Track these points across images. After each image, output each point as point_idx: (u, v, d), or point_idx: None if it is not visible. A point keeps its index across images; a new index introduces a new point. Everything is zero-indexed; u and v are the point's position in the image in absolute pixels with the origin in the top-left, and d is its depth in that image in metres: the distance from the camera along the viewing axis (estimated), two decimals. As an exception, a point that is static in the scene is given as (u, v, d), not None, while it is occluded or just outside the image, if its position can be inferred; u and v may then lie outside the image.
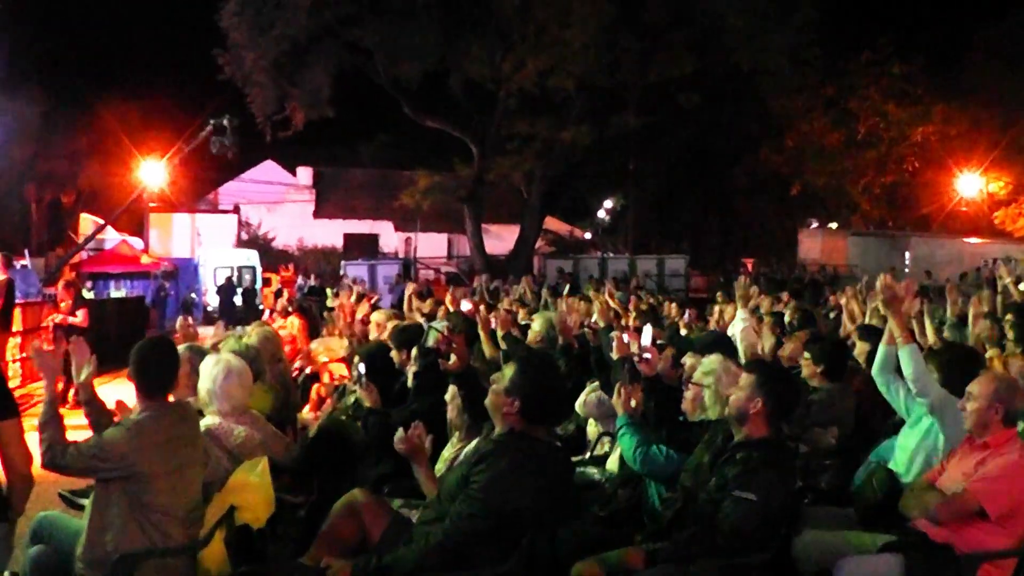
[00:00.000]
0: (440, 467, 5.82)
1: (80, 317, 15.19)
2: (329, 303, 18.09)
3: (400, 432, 5.06)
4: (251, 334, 8.04)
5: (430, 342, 7.17)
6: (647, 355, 6.26)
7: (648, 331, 6.80)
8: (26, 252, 28.72)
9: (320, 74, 34.45)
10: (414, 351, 7.22)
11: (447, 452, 6.03)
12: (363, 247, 52.87)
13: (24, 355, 17.39)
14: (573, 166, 39.78)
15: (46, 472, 4.60)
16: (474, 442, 5.78)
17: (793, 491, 4.92)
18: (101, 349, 16.79)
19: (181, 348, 6.50)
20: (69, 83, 41.14)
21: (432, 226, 51.39)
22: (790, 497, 4.71)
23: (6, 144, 33.69)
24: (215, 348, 7.18)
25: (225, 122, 28.39)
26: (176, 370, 5.03)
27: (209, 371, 5.72)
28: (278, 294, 26.03)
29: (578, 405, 7.16)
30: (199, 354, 6.32)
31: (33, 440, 4.45)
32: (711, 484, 4.67)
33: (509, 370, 4.59)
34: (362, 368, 6.96)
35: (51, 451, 4.50)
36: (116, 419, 5.09)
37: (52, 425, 4.57)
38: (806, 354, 7.10)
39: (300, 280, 35.55)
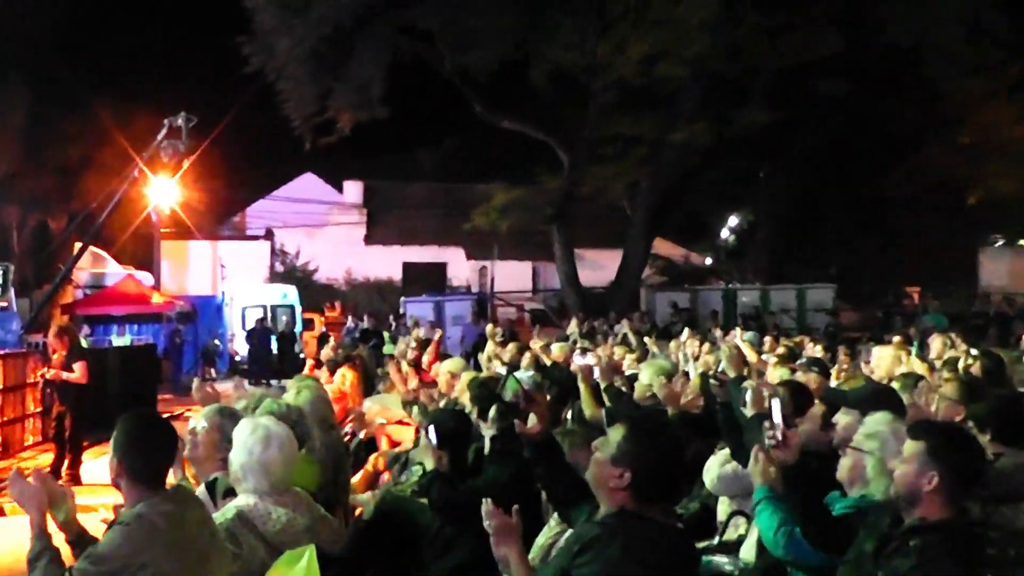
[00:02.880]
0: (534, 556, 5.81)
1: (78, 372, 15.36)
2: (387, 350, 18.27)
3: (489, 504, 4.97)
4: (293, 391, 8.10)
5: (508, 396, 7.16)
6: (779, 434, 5.95)
7: (777, 406, 6.53)
8: (9, 291, 29.16)
9: (370, 65, 34.74)
10: (492, 411, 7.21)
11: (542, 539, 6.02)
12: (427, 280, 53.19)
13: (4, 419, 17.78)
14: (688, 175, 39.63)
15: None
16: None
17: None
18: (101, 411, 17.06)
19: (209, 411, 6.58)
20: (59, 80, 41.62)
21: (512, 253, 51.56)
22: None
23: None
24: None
25: (180, 121, 28.56)
26: (173, 452, 5.13)
27: (244, 440, 5.74)
28: (323, 340, 26.33)
29: (707, 479, 7.10)
30: (232, 418, 6.35)
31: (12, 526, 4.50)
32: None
33: (616, 434, 4.57)
34: (433, 435, 6.96)
35: None
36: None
37: (44, 559, 4.68)
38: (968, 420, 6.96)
39: (349, 322, 35.92)
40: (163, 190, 35.13)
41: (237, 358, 36.86)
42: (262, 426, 5.83)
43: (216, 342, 36.85)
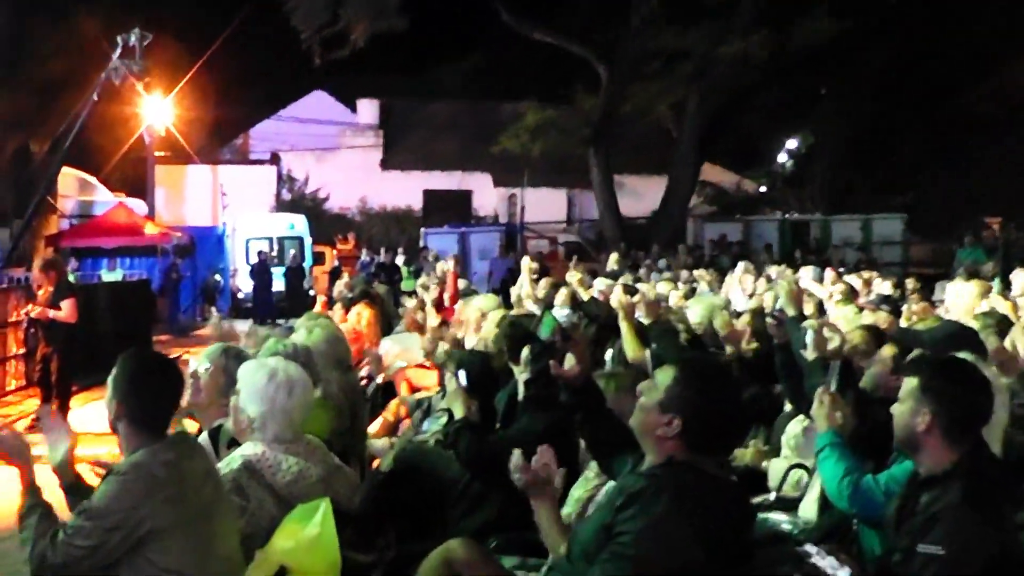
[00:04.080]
0: (569, 512, 5.81)
1: (65, 310, 15.24)
2: (406, 286, 18.30)
3: (518, 456, 4.96)
4: (303, 330, 8.10)
5: (544, 335, 7.15)
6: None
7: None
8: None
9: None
10: (525, 352, 7.19)
11: (579, 491, 6.02)
12: (450, 209, 53.18)
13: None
14: (740, 93, 39.40)
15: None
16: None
17: (1012, 536, 4.76)
18: (91, 353, 17.15)
19: (212, 352, 6.57)
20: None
21: (544, 179, 51.37)
22: (1006, 546, 4.57)
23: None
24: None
25: (133, 39, 28.30)
26: (178, 396, 5.12)
27: (262, 387, 5.66)
28: (335, 275, 26.36)
29: (787, 442, 7.10)
30: (237, 360, 6.34)
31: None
32: (901, 543, 4.63)
33: (665, 377, 4.53)
34: (463, 378, 6.95)
35: (39, 551, 4.61)
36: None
37: (34, 515, 4.70)
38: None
39: (364, 255, 35.95)
40: (156, 109, 35.06)
41: (240, 295, 36.95)
42: (281, 370, 5.76)
43: (217, 278, 36.93)
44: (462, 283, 16.85)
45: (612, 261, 22.77)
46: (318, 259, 39.17)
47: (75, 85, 41.06)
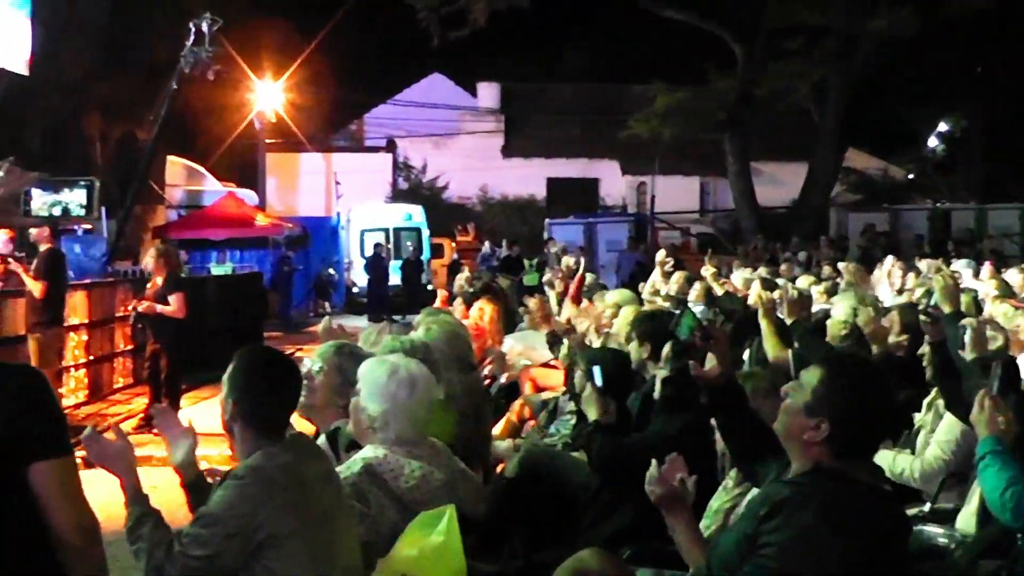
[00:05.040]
0: (708, 524, 5.78)
1: (174, 305, 15.38)
2: (529, 280, 18.32)
3: (654, 468, 4.96)
4: (423, 327, 8.14)
5: (684, 334, 7.13)
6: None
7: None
8: (102, 211, 29.29)
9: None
10: (665, 349, 7.16)
11: (718, 502, 5.99)
12: (575, 198, 53.18)
13: (91, 358, 18.17)
14: (887, 72, 38.89)
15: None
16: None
17: None
18: (199, 349, 17.42)
19: (326, 351, 6.62)
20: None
21: (677, 166, 51.26)
22: None
23: (56, 53, 34.60)
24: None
25: (204, 25, 28.44)
26: (296, 396, 5.13)
27: (383, 384, 5.70)
28: (454, 268, 26.44)
29: (940, 444, 7.02)
30: (353, 358, 6.39)
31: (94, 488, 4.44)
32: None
33: (811, 378, 4.50)
34: (598, 376, 6.94)
35: (155, 563, 4.61)
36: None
37: (146, 526, 4.70)
38: None
39: (486, 247, 36.07)
40: (266, 94, 35.50)
41: (354, 290, 37.28)
42: (402, 367, 5.80)
43: (331, 271, 37.27)
44: (590, 277, 16.83)
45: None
46: (436, 251, 39.41)
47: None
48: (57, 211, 20.90)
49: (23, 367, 4.76)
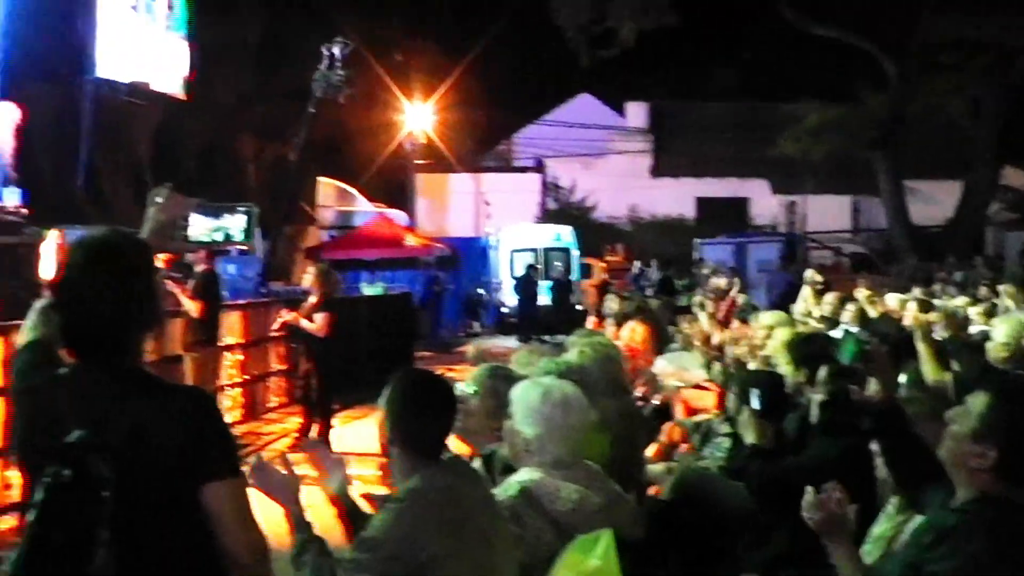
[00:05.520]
0: (870, 549, 5.69)
1: (317, 323, 15.49)
2: (681, 300, 18.22)
3: (811, 494, 4.91)
4: (576, 348, 8.12)
5: (846, 358, 7.04)
6: None
7: None
8: (256, 232, 29.63)
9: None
10: (822, 372, 7.09)
11: (880, 528, 5.88)
12: (725, 217, 52.88)
13: (246, 378, 18.47)
14: (1046, 87, 38.22)
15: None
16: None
17: None
18: (353, 368, 17.58)
19: (480, 374, 6.64)
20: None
21: (827, 185, 50.74)
22: None
23: (211, 76, 35.17)
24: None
25: (336, 49, 28.55)
26: (453, 418, 5.13)
27: (536, 406, 5.67)
28: (604, 289, 26.38)
29: None
30: (506, 381, 6.38)
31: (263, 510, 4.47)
32: None
33: (978, 403, 4.42)
34: (756, 399, 6.89)
35: None
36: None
37: (310, 552, 4.76)
38: None
39: (635, 267, 36.00)
40: (416, 116, 35.80)
41: (504, 310, 37.34)
42: (556, 388, 5.76)
43: (480, 291, 37.42)
44: (742, 298, 16.73)
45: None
46: (586, 271, 39.27)
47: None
48: (219, 236, 21.36)
49: (193, 389, 4.84)
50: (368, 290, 29.92)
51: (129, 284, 3.69)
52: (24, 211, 19.99)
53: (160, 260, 16.91)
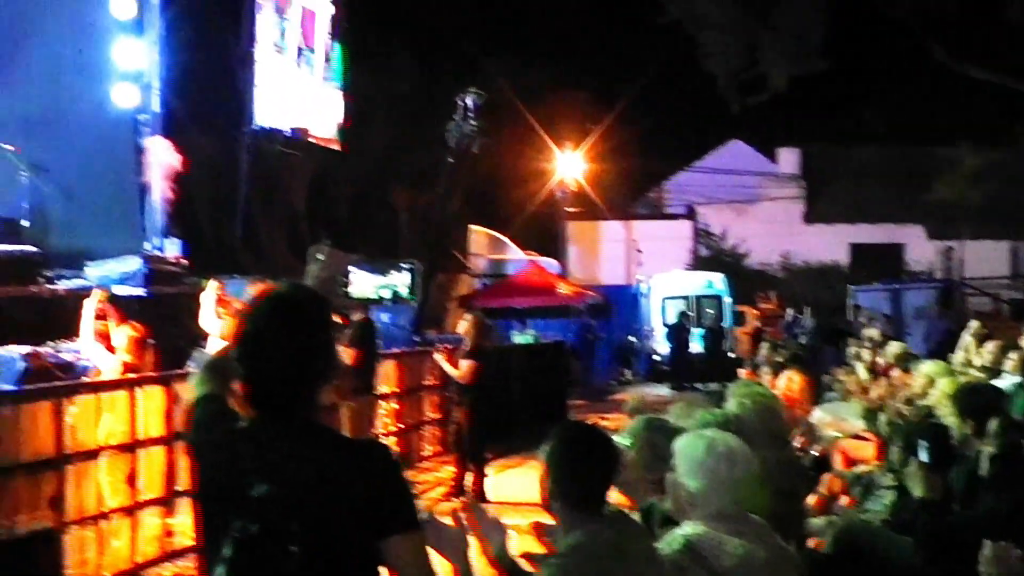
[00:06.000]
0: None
1: (462, 369, 15.75)
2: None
3: (990, 548, 4.79)
4: (735, 398, 8.06)
5: (1017, 410, 6.92)
6: None
7: None
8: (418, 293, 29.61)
9: (806, 7, 34.38)
10: (992, 425, 6.95)
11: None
12: (880, 264, 52.10)
13: (401, 426, 18.56)
14: None
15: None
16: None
17: None
18: (507, 417, 17.67)
19: (636, 426, 6.61)
20: (447, 45, 43.09)
21: (986, 230, 49.85)
22: None
23: (364, 126, 35.59)
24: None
25: (469, 99, 28.56)
26: (616, 472, 5.12)
27: (700, 458, 5.60)
28: (757, 337, 26.19)
29: None
30: (663, 433, 6.35)
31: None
32: None
33: None
34: (924, 451, 6.77)
35: None
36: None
37: None
38: None
39: (789, 314, 35.61)
40: (567, 164, 35.89)
41: (656, 358, 37.20)
42: (720, 440, 5.69)
43: (632, 339, 37.33)
44: (899, 346, 16.46)
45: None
46: (739, 319, 39.02)
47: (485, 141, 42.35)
48: (386, 294, 21.72)
49: (374, 442, 4.90)
50: (519, 339, 30.01)
51: (312, 338, 3.75)
52: (184, 261, 20.33)
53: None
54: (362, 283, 25.64)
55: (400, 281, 25.36)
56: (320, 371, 3.78)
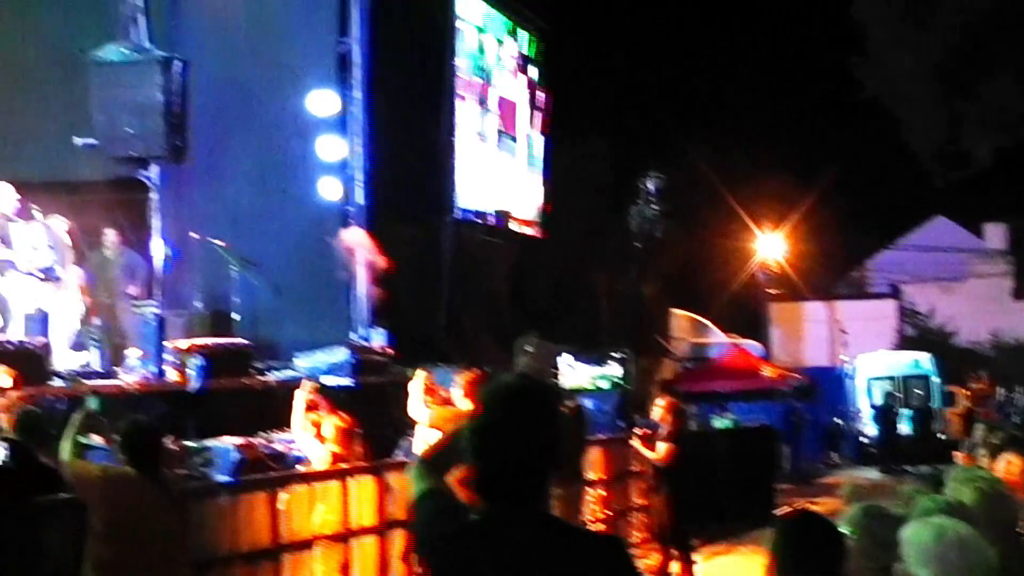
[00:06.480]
0: None
1: (658, 452, 15.76)
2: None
3: None
4: (955, 484, 7.76)
5: None
6: None
7: None
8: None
9: (1010, 79, 33.76)
10: None
11: None
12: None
13: (609, 513, 18.42)
14: None
15: None
16: None
17: None
18: (713, 502, 17.43)
19: (854, 514, 6.38)
20: (644, 131, 43.27)
21: None
22: None
23: (563, 212, 35.73)
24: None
25: (650, 183, 28.34)
26: (840, 566, 5.01)
27: (931, 547, 5.46)
28: (969, 418, 25.53)
29: None
30: (881, 520, 6.14)
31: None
32: None
33: None
34: None
35: None
36: None
37: None
38: None
39: (1000, 394, 34.73)
40: (767, 245, 35.60)
41: (864, 440, 36.64)
42: (950, 528, 5.55)
43: (838, 421, 36.79)
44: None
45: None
46: (948, 399, 38.21)
47: (682, 222, 42.38)
48: (604, 384, 22.10)
49: (609, 536, 4.87)
50: (717, 423, 29.69)
51: (545, 429, 3.72)
52: (389, 351, 20.51)
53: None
54: (577, 373, 25.87)
55: (613, 372, 25.51)
56: (553, 461, 3.75)
